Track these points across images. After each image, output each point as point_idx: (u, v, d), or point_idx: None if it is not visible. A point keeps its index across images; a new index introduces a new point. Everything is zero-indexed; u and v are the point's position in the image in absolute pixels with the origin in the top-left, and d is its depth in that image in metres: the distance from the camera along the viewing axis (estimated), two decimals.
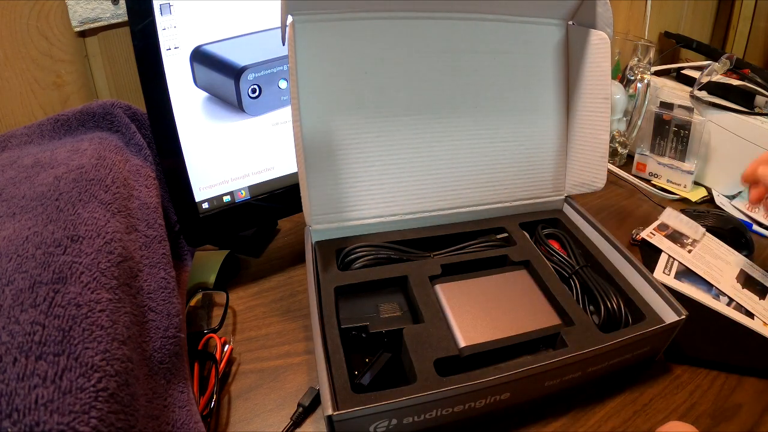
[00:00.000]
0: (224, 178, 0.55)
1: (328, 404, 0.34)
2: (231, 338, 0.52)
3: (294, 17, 0.44)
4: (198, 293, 0.55)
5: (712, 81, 0.80)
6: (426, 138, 0.52)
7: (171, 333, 0.41)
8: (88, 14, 0.61)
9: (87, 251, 0.35)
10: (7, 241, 0.34)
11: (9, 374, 0.27)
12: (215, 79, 0.51)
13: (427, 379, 0.38)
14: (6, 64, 0.59)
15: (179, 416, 0.38)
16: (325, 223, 0.50)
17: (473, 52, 0.51)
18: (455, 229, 0.54)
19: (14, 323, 0.29)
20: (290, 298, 0.57)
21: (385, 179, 0.51)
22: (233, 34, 0.52)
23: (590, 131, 0.55)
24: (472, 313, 0.44)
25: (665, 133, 0.79)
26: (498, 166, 0.55)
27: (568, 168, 0.58)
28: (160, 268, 0.44)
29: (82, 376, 0.28)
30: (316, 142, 0.48)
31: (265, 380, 0.47)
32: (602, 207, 0.75)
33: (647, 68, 0.82)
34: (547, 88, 0.55)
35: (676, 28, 1.22)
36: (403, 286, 0.48)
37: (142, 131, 0.54)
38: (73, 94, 0.65)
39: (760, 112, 0.74)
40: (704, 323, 0.52)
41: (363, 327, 0.43)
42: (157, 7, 0.46)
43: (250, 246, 0.65)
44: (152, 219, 0.47)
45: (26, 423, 0.25)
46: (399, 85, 0.50)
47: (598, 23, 0.51)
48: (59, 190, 0.40)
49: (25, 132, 0.51)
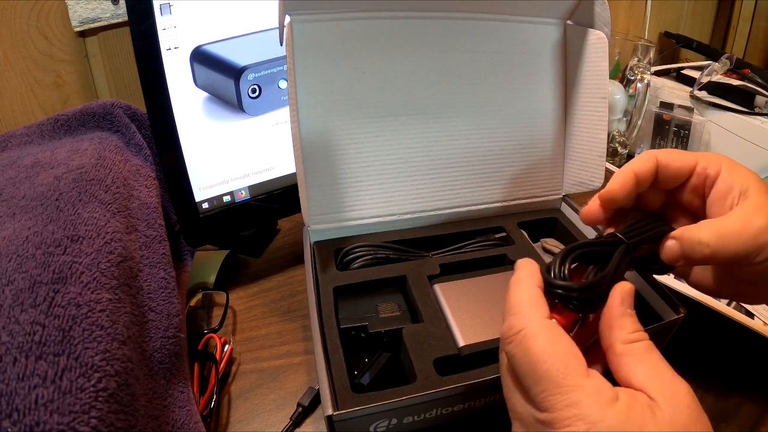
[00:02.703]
0: (224, 178, 0.55)
1: (327, 404, 0.34)
2: (231, 338, 0.52)
3: (292, 17, 0.44)
4: (198, 293, 0.55)
5: (712, 81, 0.80)
6: (424, 138, 0.52)
7: (171, 333, 0.41)
8: (88, 14, 0.61)
9: (87, 251, 0.36)
10: (7, 241, 0.34)
11: (9, 374, 0.27)
12: (215, 79, 0.51)
13: (427, 379, 0.38)
14: (6, 64, 0.59)
15: (179, 416, 0.38)
16: (324, 223, 0.50)
17: (471, 51, 0.51)
18: (453, 228, 0.54)
19: (14, 323, 0.29)
20: (290, 298, 0.57)
21: (383, 179, 0.51)
22: (233, 34, 0.52)
23: (588, 130, 0.55)
24: (471, 312, 0.44)
25: (665, 133, 0.79)
26: (496, 166, 0.55)
27: (566, 167, 0.58)
28: (160, 268, 0.44)
29: (82, 376, 0.28)
30: (314, 142, 0.48)
31: (265, 380, 0.47)
32: None
33: (647, 68, 0.82)
34: (544, 87, 0.55)
35: (676, 28, 1.22)
36: (401, 285, 0.48)
37: (142, 131, 0.54)
38: (73, 94, 0.65)
39: (760, 112, 0.74)
40: (704, 323, 0.52)
41: (362, 327, 0.43)
42: (157, 7, 0.46)
43: (250, 246, 0.65)
44: (152, 219, 0.47)
45: (26, 423, 0.25)
46: (397, 85, 0.50)
47: (596, 23, 0.51)
48: (59, 190, 0.40)
49: (25, 132, 0.52)
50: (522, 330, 0.26)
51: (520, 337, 0.26)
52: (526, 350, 0.25)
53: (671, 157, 0.33)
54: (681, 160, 0.33)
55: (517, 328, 0.26)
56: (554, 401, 0.24)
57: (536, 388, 0.25)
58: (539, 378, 0.25)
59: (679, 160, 0.33)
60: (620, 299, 0.28)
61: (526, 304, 0.28)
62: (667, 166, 0.33)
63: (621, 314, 0.27)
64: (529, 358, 0.25)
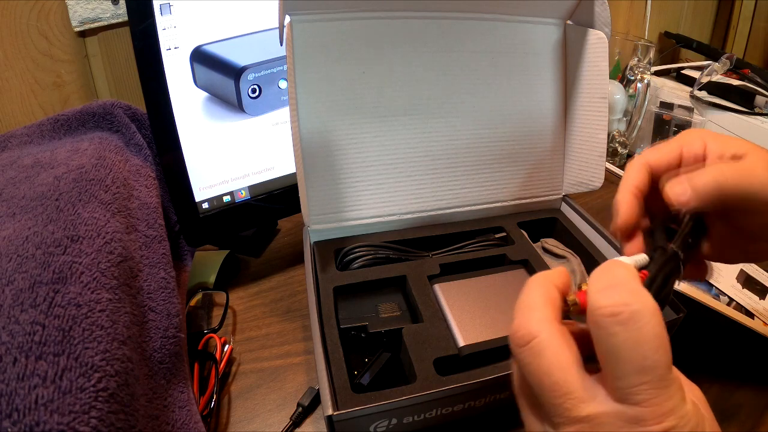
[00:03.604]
0: (224, 178, 0.55)
1: (328, 404, 0.34)
2: (231, 338, 0.52)
3: (292, 17, 0.44)
4: (198, 293, 0.55)
5: (712, 81, 0.80)
6: (424, 138, 0.52)
7: (171, 333, 0.41)
8: (88, 14, 0.61)
9: (87, 251, 0.36)
10: (7, 241, 0.34)
11: (9, 374, 0.27)
12: (215, 79, 0.51)
13: (427, 379, 0.38)
14: (6, 64, 0.59)
15: (179, 416, 0.38)
16: (324, 223, 0.50)
17: (471, 51, 0.51)
18: (454, 228, 0.54)
19: (14, 323, 0.29)
20: (290, 298, 0.57)
21: (383, 179, 0.51)
22: (233, 34, 0.52)
23: (588, 130, 0.55)
24: (471, 312, 0.44)
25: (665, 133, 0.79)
26: (496, 166, 0.55)
27: (566, 167, 0.58)
28: (160, 268, 0.44)
29: (82, 376, 0.28)
30: (314, 142, 0.48)
31: (265, 380, 0.47)
32: (602, 207, 0.75)
33: (647, 68, 0.82)
34: (545, 87, 0.55)
35: (676, 28, 1.22)
36: (402, 285, 0.48)
37: (142, 131, 0.54)
38: (73, 94, 0.65)
39: (760, 112, 0.74)
40: (704, 323, 0.52)
41: (362, 327, 0.43)
42: (157, 7, 0.46)
43: (250, 246, 0.65)
44: (152, 219, 0.47)
45: (26, 423, 0.25)
46: (397, 84, 0.50)
47: (596, 23, 0.51)
48: (59, 190, 0.40)
49: (25, 132, 0.52)
50: (535, 338, 0.24)
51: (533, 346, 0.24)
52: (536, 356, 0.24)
53: (659, 154, 0.33)
54: (668, 152, 0.32)
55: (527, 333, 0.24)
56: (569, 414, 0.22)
57: (553, 400, 0.23)
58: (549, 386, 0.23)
59: (666, 154, 0.32)
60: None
61: (538, 302, 0.25)
62: (658, 165, 0.32)
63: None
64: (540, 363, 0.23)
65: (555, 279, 0.26)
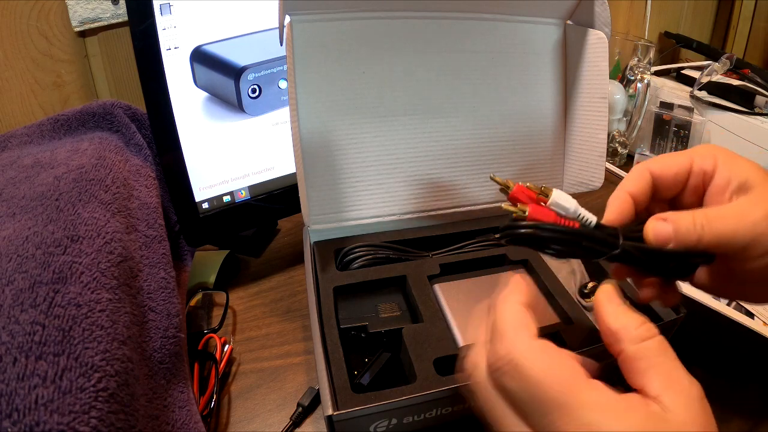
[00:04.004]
0: (224, 178, 0.55)
1: (328, 404, 0.34)
2: (231, 338, 0.52)
3: (291, 17, 0.44)
4: (198, 293, 0.55)
5: (712, 81, 0.80)
6: (424, 138, 0.52)
7: (171, 333, 0.41)
8: (88, 14, 0.61)
9: (87, 251, 0.36)
10: (7, 241, 0.34)
11: (9, 374, 0.27)
12: (215, 79, 0.51)
13: (427, 379, 0.38)
14: (6, 64, 0.59)
15: (179, 416, 0.38)
16: (324, 223, 0.50)
17: (471, 51, 0.51)
18: (453, 228, 0.54)
19: (14, 323, 0.29)
20: (290, 298, 0.57)
21: (383, 179, 0.51)
22: (233, 34, 0.52)
23: (588, 131, 0.55)
24: (471, 312, 0.44)
25: (665, 133, 0.79)
26: (496, 166, 0.55)
27: (566, 167, 0.58)
28: (160, 268, 0.44)
29: (82, 376, 0.28)
30: (314, 142, 0.48)
31: (265, 380, 0.47)
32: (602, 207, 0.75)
33: (647, 68, 0.82)
34: (544, 87, 0.55)
35: (676, 28, 1.21)
36: (401, 285, 0.48)
37: (142, 131, 0.54)
38: (73, 94, 0.65)
39: (760, 112, 0.74)
40: (704, 323, 0.52)
41: (362, 327, 0.43)
42: (157, 7, 0.46)
43: (250, 246, 0.65)
44: (152, 219, 0.47)
45: (26, 423, 0.25)
46: (397, 84, 0.50)
47: (596, 23, 0.51)
48: (59, 190, 0.40)
49: (25, 132, 0.52)
50: (511, 357, 0.24)
51: (511, 366, 0.24)
52: (521, 379, 0.24)
53: (665, 165, 0.31)
54: (676, 165, 0.31)
55: (505, 354, 0.25)
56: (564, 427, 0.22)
57: (544, 419, 0.23)
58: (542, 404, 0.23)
59: (674, 166, 0.31)
60: (606, 298, 0.27)
61: (510, 325, 0.26)
62: (661, 176, 0.31)
63: (614, 312, 0.26)
64: (527, 384, 0.23)
65: (521, 293, 0.28)
